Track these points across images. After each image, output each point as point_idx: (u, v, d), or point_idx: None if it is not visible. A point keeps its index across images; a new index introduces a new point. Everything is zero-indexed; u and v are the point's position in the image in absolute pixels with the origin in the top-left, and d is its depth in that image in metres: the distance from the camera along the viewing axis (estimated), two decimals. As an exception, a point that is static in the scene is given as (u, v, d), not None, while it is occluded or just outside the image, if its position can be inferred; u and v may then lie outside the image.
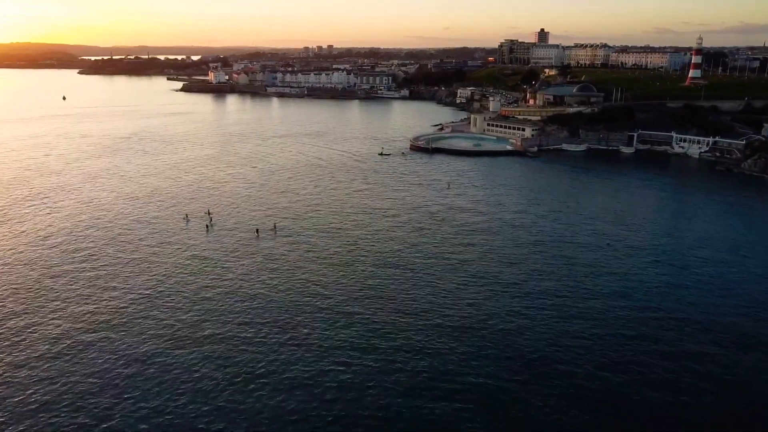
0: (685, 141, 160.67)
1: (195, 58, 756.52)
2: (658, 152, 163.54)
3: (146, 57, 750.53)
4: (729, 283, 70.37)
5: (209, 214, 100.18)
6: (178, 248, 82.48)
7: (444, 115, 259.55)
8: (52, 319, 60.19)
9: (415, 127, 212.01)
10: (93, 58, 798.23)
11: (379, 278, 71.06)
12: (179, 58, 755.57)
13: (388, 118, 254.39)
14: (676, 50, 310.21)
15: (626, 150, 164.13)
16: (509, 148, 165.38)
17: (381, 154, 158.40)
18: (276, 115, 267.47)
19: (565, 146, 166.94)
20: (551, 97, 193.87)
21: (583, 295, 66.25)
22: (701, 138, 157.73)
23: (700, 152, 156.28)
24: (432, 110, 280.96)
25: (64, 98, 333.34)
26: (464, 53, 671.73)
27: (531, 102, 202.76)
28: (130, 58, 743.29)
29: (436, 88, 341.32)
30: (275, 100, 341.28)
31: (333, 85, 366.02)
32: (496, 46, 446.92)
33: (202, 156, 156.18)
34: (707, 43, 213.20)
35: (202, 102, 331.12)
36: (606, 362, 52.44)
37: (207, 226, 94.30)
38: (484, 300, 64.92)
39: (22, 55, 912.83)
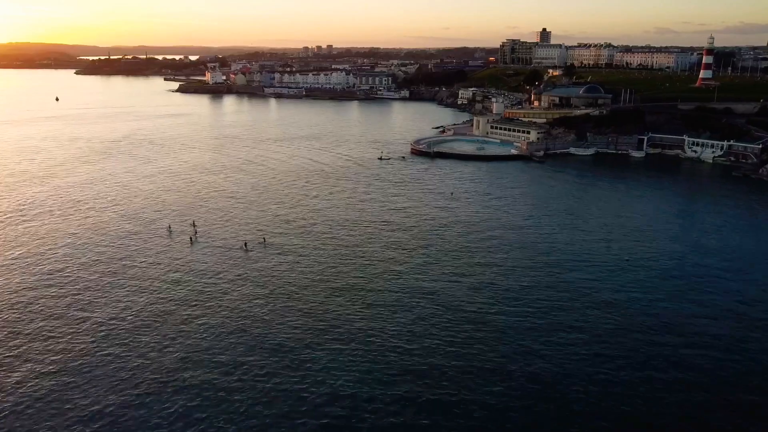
0: (698, 145, 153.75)
1: (193, 58, 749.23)
2: (669, 156, 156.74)
3: (144, 57, 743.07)
4: None
5: (194, 226, 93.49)
6: (157, 268, 75.54)
7: (445, 116, 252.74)
8: (7, 358, 53.28)
9: (416, 130, 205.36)
10: (90, 58, 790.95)
11: (379, 307, 64.10)
12: (177, 58, 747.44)
13: (388, 120, 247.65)
14: (683, 50, 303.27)
15: (636, 154, 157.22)
16: (514, 152, 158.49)
17: (381, 158, 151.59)
18: (273, 117, 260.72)
19: (572, 150, 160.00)
20: (557, 99, 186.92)
21: (609, 328, 59.27)
22: (715, 142, 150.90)
23: (714, 156, 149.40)
24: (433, 111, 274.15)
25: (57, 99, 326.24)
26: (464, 53, 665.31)
27: (536, 104, 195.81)
28: (127, 58, 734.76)
29: (436, 88, 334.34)
30: (273, 101, 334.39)
31: (332, 86, 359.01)
32: (497, 46, 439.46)
33: (193, 161, 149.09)
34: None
35: (198, 103, 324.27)
36: (648, 419, 45.44)
37: (191, 239, 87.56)
38: (500, 336, 57.89)
39: (20, 55, 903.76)
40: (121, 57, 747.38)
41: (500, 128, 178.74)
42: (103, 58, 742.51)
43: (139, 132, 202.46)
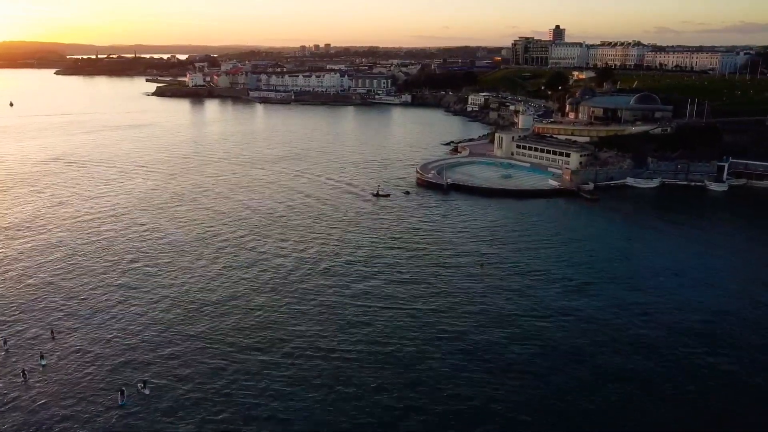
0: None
1: (182, 57, 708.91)
2: (759, 189, 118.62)
3: (132, 56, 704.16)
4: None
5: (53, 336, 55.87)
6: None
7: (454, 127, 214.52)
8: None
9: (421, 146, 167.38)
10: (74, 57, 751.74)
11: None
12: (164, 57, 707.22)
13: (388, 133, 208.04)
14: (727, 50, 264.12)
15: (716, 187, 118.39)
16: (554, 184, 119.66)
17: (377, 194, 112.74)
18: (251, 129, 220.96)
19: (630, 181, 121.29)
20: (600, 111, 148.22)
21: None
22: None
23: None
24: (439, 120, 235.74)
25: (11, 104, 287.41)
26: (467, 52, 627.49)
27: (571, 116, 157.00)
28: (112, 57, 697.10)
29: (442, 92, 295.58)
30: (258, 107, 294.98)
31: (324, 89, 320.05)
32: (500, 45, 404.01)
33: (117, 198, 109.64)
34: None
35: (173, 109, 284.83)
36: None
37: (23, 374, 49.77)
38: None
39: (7, 54, 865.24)
40: (106, 56, 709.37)
41: (530, 148, 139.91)
42: (85, 57, 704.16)
43: (81, 149, 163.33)
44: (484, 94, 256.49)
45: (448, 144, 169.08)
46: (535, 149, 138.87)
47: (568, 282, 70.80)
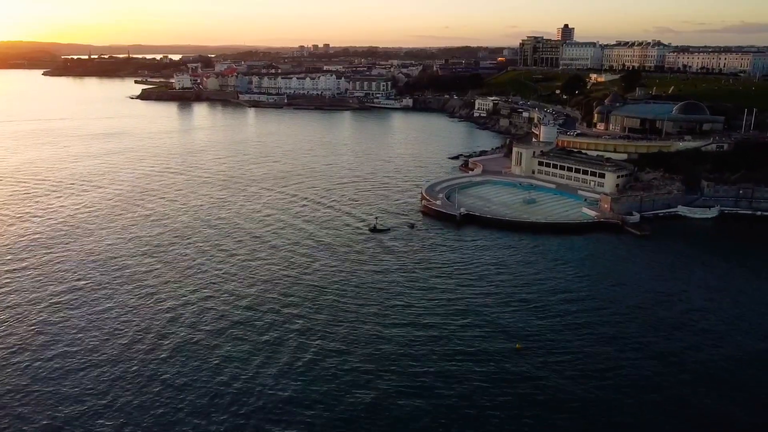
0: None
1: (175, 57, 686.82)
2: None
3: (126, 56, 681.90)
4: None
5: None
6: None
7: (461, 136, 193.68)
8: None
9: (426, 159, 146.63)
10: (65, 57, 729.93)
11: None
12: (157, 57, 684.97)
13: (387, 143, 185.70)
14: (759, 50, 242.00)
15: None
16: (590, 213, 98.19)
17: (374, 229, 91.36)
18: (236, 138, 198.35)
19: (682, 210, 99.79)
20: (637, 122, 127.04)
21: None
22: None
23: None
24: (444, 127, 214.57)
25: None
26: (468, 53, 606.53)
27: (601, 126, 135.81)
28: (103, 58, 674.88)
29: (446, 96, 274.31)
30: (248, 112, 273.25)
31: (319, 92, 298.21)
32: (501, 46, 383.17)
33: (60, 228, 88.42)
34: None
35: (155, 114, 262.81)
36: None
37: None
38: None
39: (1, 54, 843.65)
40: (97, 56, 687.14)
41: (554, 165, 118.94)
42: (76, 57, 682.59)
43: (32, 166, 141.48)
44: (492, 98, 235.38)
45: (456, 158, 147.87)
46: (561, 167, 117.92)
47: (628, 342, 49.55)
